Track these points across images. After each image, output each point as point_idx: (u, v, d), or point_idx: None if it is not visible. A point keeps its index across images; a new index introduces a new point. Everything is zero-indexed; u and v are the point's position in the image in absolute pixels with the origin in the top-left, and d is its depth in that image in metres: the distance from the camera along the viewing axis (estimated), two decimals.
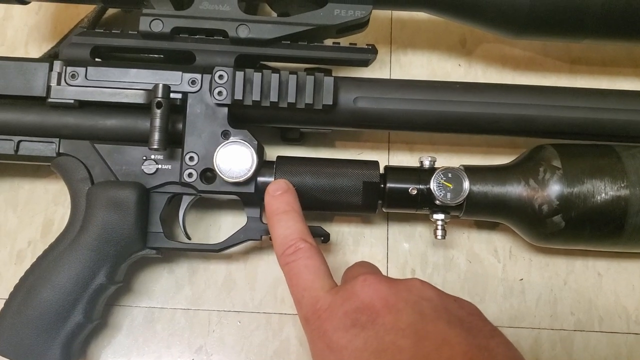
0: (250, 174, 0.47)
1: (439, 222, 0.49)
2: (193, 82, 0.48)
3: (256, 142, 0.47)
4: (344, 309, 0.37)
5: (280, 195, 0.45)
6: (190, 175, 0.47)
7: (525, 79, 0.59)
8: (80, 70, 0.48)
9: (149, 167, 0.48)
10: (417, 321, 0.36)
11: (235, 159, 0.47)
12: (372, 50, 0.50)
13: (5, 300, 0.46)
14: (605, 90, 0.51)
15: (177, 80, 0.48)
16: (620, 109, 0.50)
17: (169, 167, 0.48)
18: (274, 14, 0.54)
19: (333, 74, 0.49)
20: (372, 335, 0.35)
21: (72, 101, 0.48)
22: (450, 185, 0.47)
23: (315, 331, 0.38)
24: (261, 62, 0.52)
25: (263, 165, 0.48)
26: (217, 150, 0.47)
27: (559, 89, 0.51)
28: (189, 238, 0.51)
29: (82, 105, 0.48)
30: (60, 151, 0.48)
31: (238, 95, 0.47)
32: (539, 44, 0.60)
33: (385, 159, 0.57)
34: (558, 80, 0.59)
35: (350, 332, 0.36)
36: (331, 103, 0.48)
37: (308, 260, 0.41)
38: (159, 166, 0.48)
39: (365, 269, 0.43)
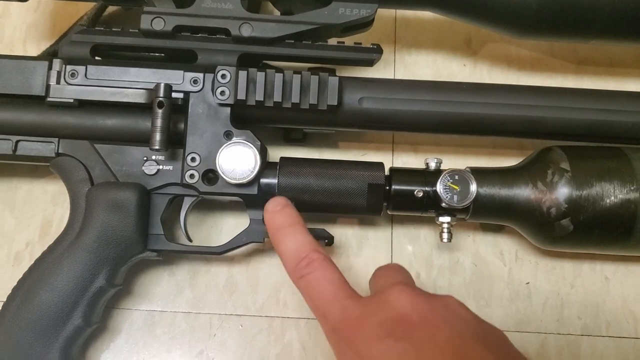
0: (253, 175, 0.46)
1: (445, 225, 0.48)
2: (195, 82, 0.47)
3: (259, 143, 0.47)
4: (377, 319, 0.36)
5: (281, 210, 0.44)
6: (192, 176, 0.47)
7: (531, 79, 0.59)
8: (80, 69, 0.47)
9: (149, 168, 0.47)
10: (455, 340, 0.35)
11: (238, 160, 0.46)
12: (378, 50, 0.49)
13: (2, 303, 0.46)
14: (614, 92, 0.50)
15: (179, 79, 0.47)
16: (629, 111, 0.49)
17: (170, 168, 0.47)
18: (277, 13, 0.53)
19: (336, 74, 0.48)
20: (408, 348, 0.34)
21: (71, 100, 0.47)
22: (457, 187, 0.46)
23: (344, 340, 0.37)
24: (264, 62, 0.51)
25: (266, 167, 0.47)
26: (219, 151, 0.46)
27: (567, 90, 0.50)
28: (190, 240, 0.50)
29: (82, 105, 0.47)
30: (60, 151, 0.47)
31: (241, 95, 0.46)
32: (545, 44, 0.59)
33: (389, 160, 0.56)
34: (564, 81, 0.59)
35: (384, 343, 0.35)
36: (336, 103, 0.47)
37: (325, 271, 0.40)
38: (160, 167, 0.47)
39: (400, 276, 0.42)
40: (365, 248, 0.53)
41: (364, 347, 0.35)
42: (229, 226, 0.54)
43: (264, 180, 0.47)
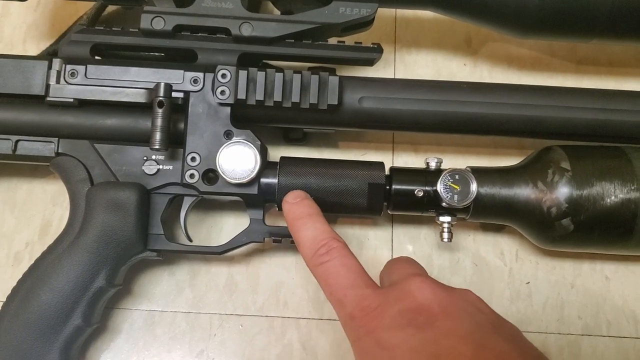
0: (253, 175, 0.46)
1: (445, 225, 0.48)
2: (195, 81, 0.47)
3: (259, 143, 0.47)
4: (398, 308, 0.37)
5: (301, 202, 0.45)
6: (192, 176, 0.46)
7: (531, 79, 0.59)
8: (80, 68, 0.47)
9: (149, 168, 0.47)
10: (475, 331, 0.35)
11: (238, 160, 0.46)
12: (378, 49, 0.49)
13: (2, 303, 0.45)
14: (614, 91, 0.50)
15: (179, 79, 0.47)
16: (629, 110, 0.49)
17: (170, 168, 0.47)
18: (277, 12, 0.53)
19: (336, 73, 0.48)
20: (429, 338, 0.35)
21: (71, 100, 0.47)
22: (457, 187, 0.46)
23: (363, 328, 0.37)
24: (264, 61, 0.51)
25: (266, 166, 0.47)
26: (219, 151, 0.46)
27: (568, 90, 0.50)
28: (190, 240, 0.50)
29: (82, 104, 0.47)
30: (59, 151, 0.47)
31: (241, 95, 0.46)
32: (544, 44, 0.59)
33: (389, 159, 0.56)
34: (564, 80, 0.59)
35: (405, 332, 0.35)
36: (336, 103, 0.47)
37: (344, 259, 0.40)
38: (160, 167, 0.47)
39: (416, 268, 0.42)
40: (365, 248, 0.53)
41: (384, 335, 0.36)
42: (229, 226, 0.53)
43: (264, 180, 0.47)
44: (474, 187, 0.46)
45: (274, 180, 0.47)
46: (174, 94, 0.46)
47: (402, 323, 0.36)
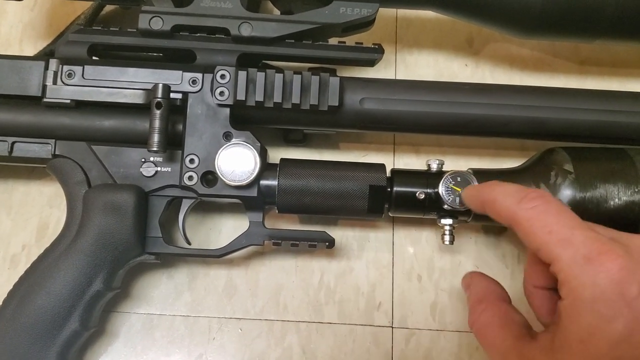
0: (253, 177, 0.45)
1: (447, 227, 0.48)
2: (194, 82, 0.46)
3: (259, 144, 0.46)
4: None
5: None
6: (190, 178, 0.46)
7: (533, 79, 0.58)
8: (77, 69, 0.46)
9: (147, 170, 0.46)
10: None
11: (237, 162, 0.45)
12: (379, 50, 0.48)
13: None
14: (618, 92, 0.50)
15: (177, 79, 0.46)
16: (633, 112, 0.48)
17: (169, 170, 0.47)
18: (277, 12, 0.52)
19: (337, 74, 0.48)
20: None
21: (68, 101, 0.46)
22: (459, 189, 0.46)
23: (603, 274, 0.33)
24: (264, 62, 0.51)
25: (266, 168, 0.47)
26: (218, 153, 0.45)
27: (571, 91, 0.50)
28: (188, 243, 0.49)
29: (79, 106, 0.47)
30: (56, 153, 0.47)
31: (240, 96, 0.46)
32: (547, 44, 0.59)
33: (390, 161, 0.55)
34: (567, 81, 0.58)
35: None
36: (337, 104, 0.46)
37: (560, 205, 0.37)
38: (158, 169, 0.47)
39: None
40: (366, 250, 0.53)
41: (631, 291, 0.33)
42: (228, 229, 0.53)
43: (263, 182, 0.46)
44: None
45: (274, 183, 0.46)
46: (172, 95, 0.45)
47: None
